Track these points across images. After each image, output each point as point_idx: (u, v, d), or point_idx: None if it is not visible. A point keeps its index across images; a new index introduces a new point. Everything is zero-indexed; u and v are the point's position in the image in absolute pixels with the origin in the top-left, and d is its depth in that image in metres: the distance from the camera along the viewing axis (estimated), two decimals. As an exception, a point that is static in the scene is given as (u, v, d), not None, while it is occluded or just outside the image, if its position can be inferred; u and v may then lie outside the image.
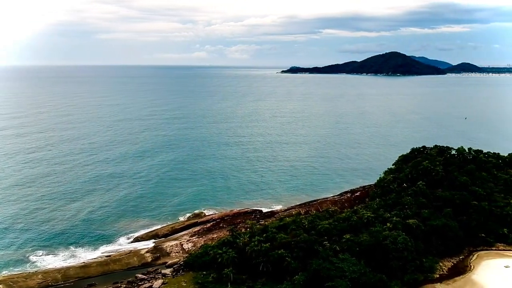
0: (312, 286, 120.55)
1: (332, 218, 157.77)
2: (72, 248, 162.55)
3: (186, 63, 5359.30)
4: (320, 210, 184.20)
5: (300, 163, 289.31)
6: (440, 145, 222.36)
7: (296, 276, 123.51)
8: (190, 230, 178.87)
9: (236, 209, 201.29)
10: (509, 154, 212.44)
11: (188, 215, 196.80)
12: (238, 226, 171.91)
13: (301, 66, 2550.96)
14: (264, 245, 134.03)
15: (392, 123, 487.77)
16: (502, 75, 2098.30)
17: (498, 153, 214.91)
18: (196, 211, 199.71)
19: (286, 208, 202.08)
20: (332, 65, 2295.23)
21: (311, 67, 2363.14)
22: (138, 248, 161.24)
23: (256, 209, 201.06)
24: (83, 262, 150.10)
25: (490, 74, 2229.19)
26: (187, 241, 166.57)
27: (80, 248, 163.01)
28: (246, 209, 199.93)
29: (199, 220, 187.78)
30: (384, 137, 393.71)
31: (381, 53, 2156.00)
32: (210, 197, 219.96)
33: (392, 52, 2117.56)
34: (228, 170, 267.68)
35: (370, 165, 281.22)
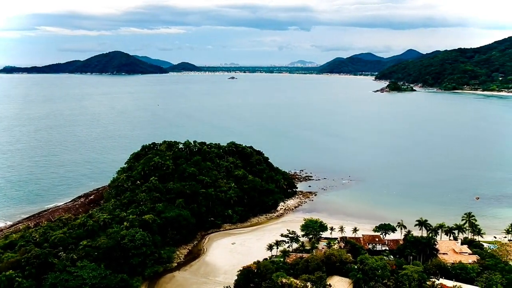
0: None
1: (66, 226, 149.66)
2: None
3: None
4: (53, 219, 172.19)
5: (22, 171, 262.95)
6: (169, 140, 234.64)
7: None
8: None
9: None
10: (227, 144, 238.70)
11: None
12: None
13: (17, 65, 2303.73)
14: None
15: (123, 121, 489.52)
16: (217, 73, 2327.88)
17: (219, 144, 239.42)
18: None
19: (12, 223, 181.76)
20: (53, 65, 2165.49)
21: (29, 66, 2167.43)
22: None
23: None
24: None
25: (207, 72, 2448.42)
26: None
27: None
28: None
29: None
30: (116, 137, 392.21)
31: (104, 53, 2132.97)
32: None
33: (115, 51, 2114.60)
34: None
35: (102, 166, 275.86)
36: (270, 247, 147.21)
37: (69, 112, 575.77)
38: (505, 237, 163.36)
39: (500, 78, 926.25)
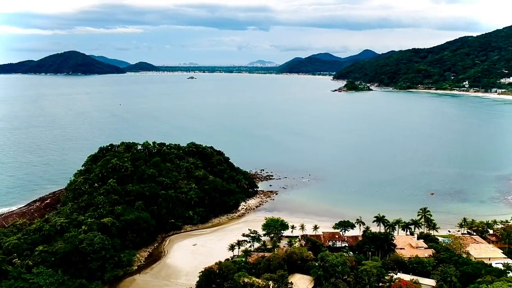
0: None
1: (21, 232, 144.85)
2: None
3: None
4: (6, 225, 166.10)
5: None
6: (127, 141, 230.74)
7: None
8: None
9: None
10: (187, 144, 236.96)
11: None
12: None
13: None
14: None
15: (81, 122, 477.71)
16: (176, 73, 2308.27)
17: (179, 144, 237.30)
18: None
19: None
20: (4, 65, 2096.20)
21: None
22: None
23: None
24: None
25: (166, 72, 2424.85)
26: None
27: None
28: None
29: None
30: (74, 138, 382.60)
31: (59, 52, 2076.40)
32: None
33: (71, 51, 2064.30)
34: None
35: (60, 168, 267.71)
36: (231, 247, 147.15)
37: (24, 114, 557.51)
38: (459, 230, 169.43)
39: (452, 77, 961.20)
